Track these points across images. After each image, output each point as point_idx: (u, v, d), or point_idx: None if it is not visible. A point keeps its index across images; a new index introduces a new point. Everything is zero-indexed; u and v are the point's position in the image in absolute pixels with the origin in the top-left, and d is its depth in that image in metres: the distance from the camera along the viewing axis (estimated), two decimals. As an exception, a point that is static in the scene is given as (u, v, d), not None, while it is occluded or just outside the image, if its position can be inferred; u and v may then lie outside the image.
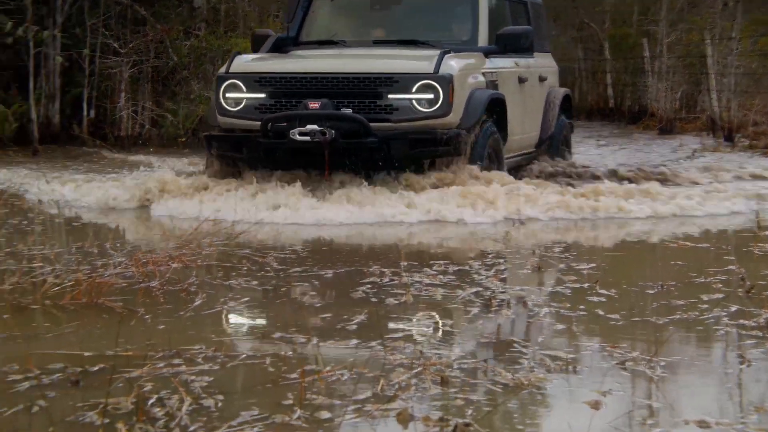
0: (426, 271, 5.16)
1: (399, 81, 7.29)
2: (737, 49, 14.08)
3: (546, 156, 9.47)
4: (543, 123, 9.39)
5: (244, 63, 7.88)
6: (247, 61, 7.97)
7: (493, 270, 5.26)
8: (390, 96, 7.29)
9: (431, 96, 7.29)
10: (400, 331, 4.02)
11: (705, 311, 4.33)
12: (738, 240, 6.55)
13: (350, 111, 7.26)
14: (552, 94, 9.61)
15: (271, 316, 4.38)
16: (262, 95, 7.57)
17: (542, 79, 9.41)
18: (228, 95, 7.67)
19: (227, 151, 7.78)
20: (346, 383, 3.33)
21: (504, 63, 8.44)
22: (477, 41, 8.22)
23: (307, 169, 7.71)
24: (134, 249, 5.70)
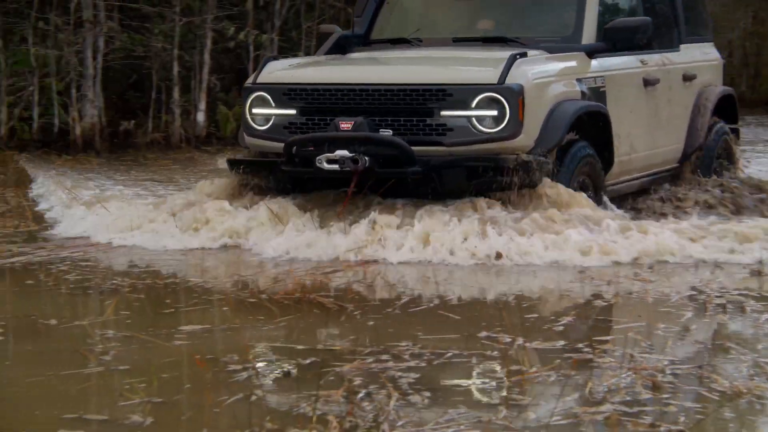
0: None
1: (453, 94, 5.82)
2: None
3: (692, 173, 7.49)
4: (689, 133, 7.53)
5: (275, 71, 6.35)
6: (279, 69, 6.42)
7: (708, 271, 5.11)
8: (443, 113, 5.83)
9: (495, 113, 5.78)
10: (608, 333, 3.94)
11: None
12: None
13: (390, 132, 5.88)
14: (703, 96, 7.65)
15: (476, 316, 4.41)
16: (292, 111, 6.12)
17: (689, 78, 7.48)
18: (255, 111, 6.24)
19: (253, 178, 6.39)
20: (553, 384, 3.30)
21: (619, 63, 6.74)
22: (581, 37, 6.54)
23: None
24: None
